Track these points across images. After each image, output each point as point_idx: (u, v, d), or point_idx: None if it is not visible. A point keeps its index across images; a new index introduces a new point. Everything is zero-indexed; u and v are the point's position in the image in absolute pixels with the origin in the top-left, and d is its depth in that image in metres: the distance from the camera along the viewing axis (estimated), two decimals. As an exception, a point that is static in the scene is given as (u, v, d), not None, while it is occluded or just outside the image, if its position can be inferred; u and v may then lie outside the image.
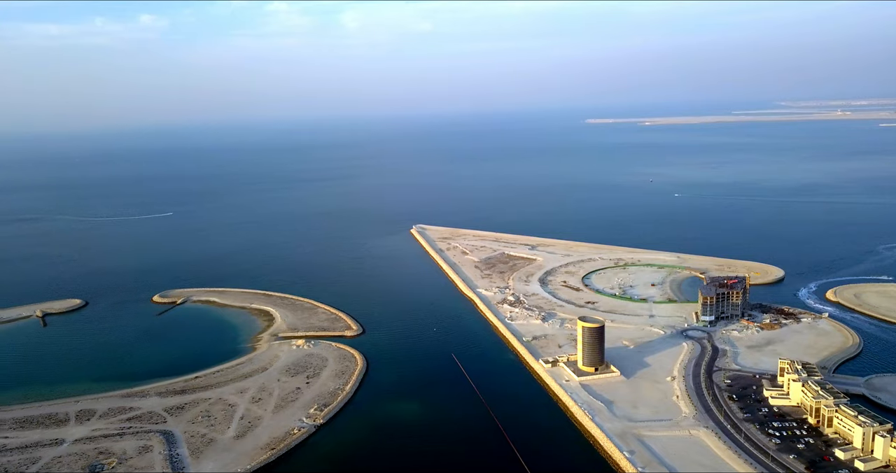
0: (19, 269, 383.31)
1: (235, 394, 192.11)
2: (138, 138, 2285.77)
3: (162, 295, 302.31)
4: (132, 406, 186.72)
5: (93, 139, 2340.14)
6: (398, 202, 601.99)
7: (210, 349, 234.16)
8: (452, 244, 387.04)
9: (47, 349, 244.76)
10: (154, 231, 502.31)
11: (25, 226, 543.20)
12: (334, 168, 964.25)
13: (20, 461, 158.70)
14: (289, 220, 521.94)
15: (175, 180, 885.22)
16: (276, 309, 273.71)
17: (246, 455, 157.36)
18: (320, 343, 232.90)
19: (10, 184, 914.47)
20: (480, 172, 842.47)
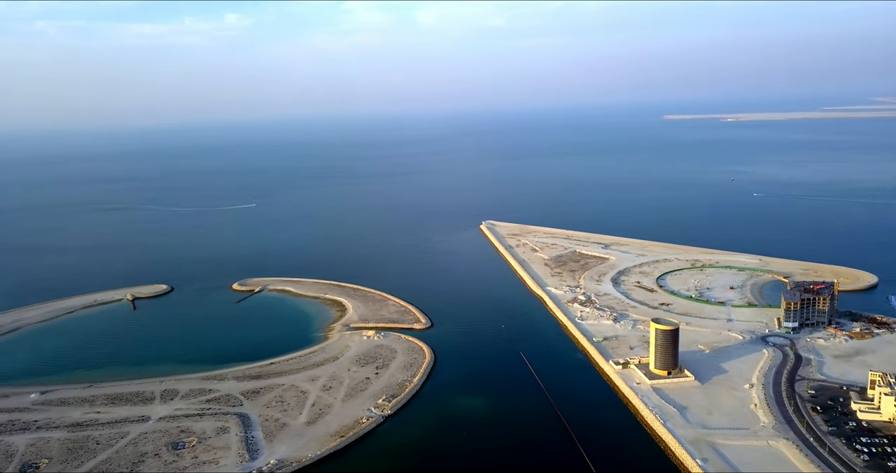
0: (112, 256, 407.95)
1: (307, 382, 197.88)
2: (227, 132, 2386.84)
3: (241, 283, 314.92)
4: (211, 389, 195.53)
5: (184, 133, 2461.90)
6: (468, 197, 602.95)
7: (285, 337, 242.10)
8: (522, 241, 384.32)
9: (136, 331, 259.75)
10: (237, 221, 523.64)
11: (118, 216, 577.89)
12: (407, 164, 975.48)
13: (111, 435, 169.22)
14: (362, 214, 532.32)
15: (259, 172, 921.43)
16: (349, 300, 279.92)
17: (316, 441, 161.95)
18: (390, 334, 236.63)
19: (104, 175, 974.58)
20: (552, 168, 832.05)
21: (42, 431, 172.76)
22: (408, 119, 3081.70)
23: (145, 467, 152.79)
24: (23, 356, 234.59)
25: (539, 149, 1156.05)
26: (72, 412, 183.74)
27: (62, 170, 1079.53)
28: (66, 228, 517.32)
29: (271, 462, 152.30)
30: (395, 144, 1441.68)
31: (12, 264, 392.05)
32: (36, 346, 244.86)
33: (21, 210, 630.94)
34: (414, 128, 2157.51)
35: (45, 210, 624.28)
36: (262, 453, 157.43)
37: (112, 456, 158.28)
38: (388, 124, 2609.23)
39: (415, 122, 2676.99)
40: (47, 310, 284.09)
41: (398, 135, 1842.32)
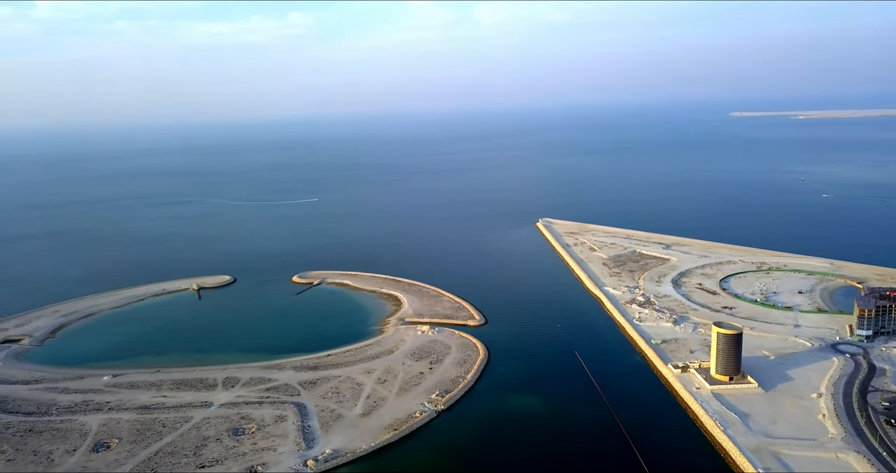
0: (179, 246, 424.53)
1: (363, 374, 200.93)
2: (290, 128, 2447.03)
3: (300, 275, 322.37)
4: (270, 378, 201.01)
5: (249, 128, 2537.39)
6: (525, 195, 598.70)
7: (341, 329, 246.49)
8: (580, 239, 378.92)
9: (201, 319, 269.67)
10: (299, 215, 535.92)
11: (184, 208, 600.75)
12: (466, 160, 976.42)
13: (176, 418, 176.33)
14: (419, 209, 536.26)
15: (322, 167, 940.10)
16: (404, 295, 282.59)
17: (370, 433, 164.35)
18: (444, 330, 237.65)
19: (175, 169, 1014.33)
20: (612, 166, 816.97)
21: (113, 412, 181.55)
22: (467, 115, 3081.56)
23: (207, 451, 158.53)
24: (98, 340, 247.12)
25: (598, 147, 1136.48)
26: (140, 395, 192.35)
27: (139, 164, 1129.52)
28: (139, 219, 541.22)
29: (326, 451, 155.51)
30: (454, 141, 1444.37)
31: (90, 253, 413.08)
32: (109, 331, 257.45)
33: (100, 201, 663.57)
34: (473, 125, 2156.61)
35: (120, 202, 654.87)
36: (317, 442, 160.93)
37: (177, 439, 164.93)
38: (446, 121, 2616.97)
39: (474, 119, 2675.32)
40: (120, 297, 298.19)
41: (457, 131, 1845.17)
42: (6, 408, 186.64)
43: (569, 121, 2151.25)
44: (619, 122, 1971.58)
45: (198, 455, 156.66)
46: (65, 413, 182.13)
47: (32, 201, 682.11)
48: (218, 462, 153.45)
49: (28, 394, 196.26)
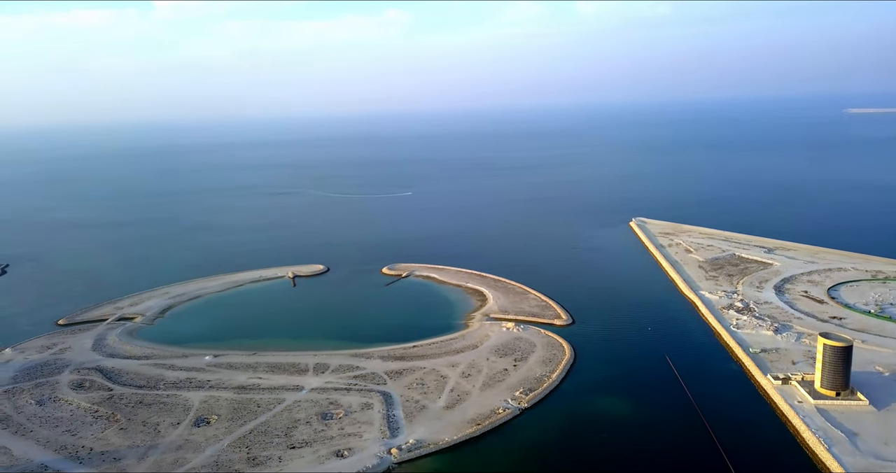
0: (278, 235, 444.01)
1: (447, 367, 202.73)
2: (386, 124, 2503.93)
3: (390, 267, 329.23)
4: (358, 366, 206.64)
5: (344, 124, 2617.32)
6: (618, 192, 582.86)
7: (427, 322, 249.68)
8: (675, 240, 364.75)
9: (295, 306, 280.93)
10: (392, 208, 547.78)
11: (284, 199, 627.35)
12: (555, 156, 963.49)
13: (269, 400, 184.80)
14: (508, 205, 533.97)
15: (417, 162, 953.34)
16: (490, 291, 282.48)
17: (453, 426, 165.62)
18: (529, 328, 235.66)
19: (275, 161, 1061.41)
20: (710, 164, 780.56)
21: (213, 390, 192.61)
22: (564, 111, 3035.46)
23: (297, 433, 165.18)
24: (201, 321, 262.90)
25: (699, 144, 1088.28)
26: (238, 376, 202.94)
27: (240, 155, 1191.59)
28: (241, 209, 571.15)
29: (410, 441, 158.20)
30: (548, 136, 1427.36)
31: (196, 240, 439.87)
32: (212, 314, 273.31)
33: (206, 190, 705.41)
34: (568, 120, 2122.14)
35: (224, 192, 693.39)
36: (402, 431, 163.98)
37: (270, 420, 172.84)
38: (540, 116, 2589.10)
39: (569, 114, 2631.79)
40: (222, 282, 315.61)
41: (552, 126, 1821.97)
42: (120, 381, 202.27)
43: (667, 117, 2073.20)
44: (718, 118, 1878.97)
45: (288, 436, 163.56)
46: (171, 389, 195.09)
47: (148, 189, 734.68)
48: (307, 443, 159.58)
49: (139, 369, 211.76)
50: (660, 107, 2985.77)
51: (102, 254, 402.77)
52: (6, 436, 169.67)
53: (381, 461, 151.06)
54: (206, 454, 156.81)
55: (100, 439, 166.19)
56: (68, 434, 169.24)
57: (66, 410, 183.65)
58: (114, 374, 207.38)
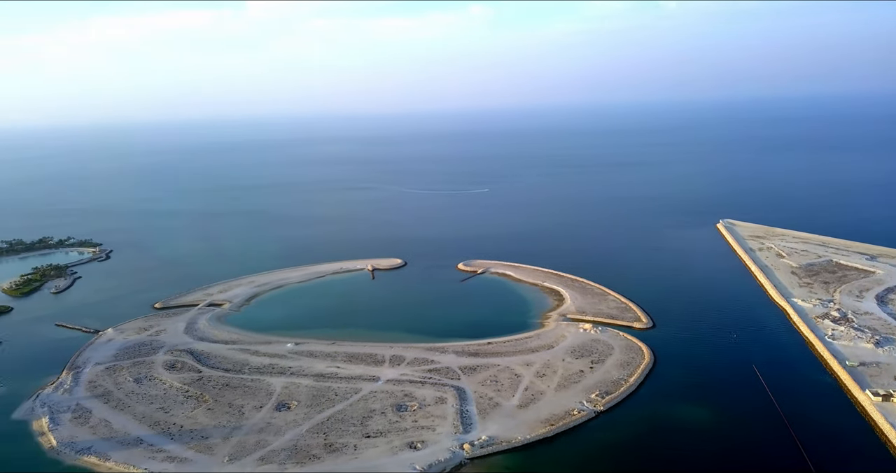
0: (357, 229, 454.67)
1: (522, 366, 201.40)
2: (468, 119, 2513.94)
3: (466, 263, 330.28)
4: (433, 360, 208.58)
5: (430, 119, 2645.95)
6: (705, 193, 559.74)
7: (502, 319, 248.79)
8: (766, 244, 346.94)
9: (373, 298, 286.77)
10: (469, 204, 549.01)
11: (364, 194, 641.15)
12: (640, 153, 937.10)
13: (346, 389, 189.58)
14: (588, 203, 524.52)
15: (495, 158, 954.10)
16: (567, 291, 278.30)
17: (526, 425, 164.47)
18: (608, 330, 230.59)
19: (357, 156, 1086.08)
20: (808, 164, 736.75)
21: (294, 377, 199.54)
22: (649, 107, 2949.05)
23: (372, 423, 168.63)
24: (284, 310, 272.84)
25: (791, 143, 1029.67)
26: (317, 364, 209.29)
27: (325, 151, 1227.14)
28: (322, 202, 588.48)
29: (482, 437, 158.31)
30: (637, 133, 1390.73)
31: (281, 231, 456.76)
32: (294, 303, 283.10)
33: (290, 184, 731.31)
34: (653, 117, 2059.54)
35: (308, 185, 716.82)
36: (474, 427, 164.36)
37: (346, 408, 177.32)
38: (623, 112, 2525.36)
39: (655, 111, 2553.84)
40: (304, 273, 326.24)
41: (641, 123, 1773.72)
42: (209, 364, 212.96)
43: (760, 115, 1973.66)
44: (816, 116, 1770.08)
45: (364, 425, 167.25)
46: (255, 373, 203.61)
47: (239, 182, 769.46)
48: (381, 434, 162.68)
49: (226, 353, 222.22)
50: (754, 104, 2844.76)
51: (195, 243, 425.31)
52: (107, 410, 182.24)
53: (453, 455, 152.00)
54: (286, 437, 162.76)
55: (189, 417, 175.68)
56: (161, 412, 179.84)
57: (159, 388, 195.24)
58: (203, 357, 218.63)
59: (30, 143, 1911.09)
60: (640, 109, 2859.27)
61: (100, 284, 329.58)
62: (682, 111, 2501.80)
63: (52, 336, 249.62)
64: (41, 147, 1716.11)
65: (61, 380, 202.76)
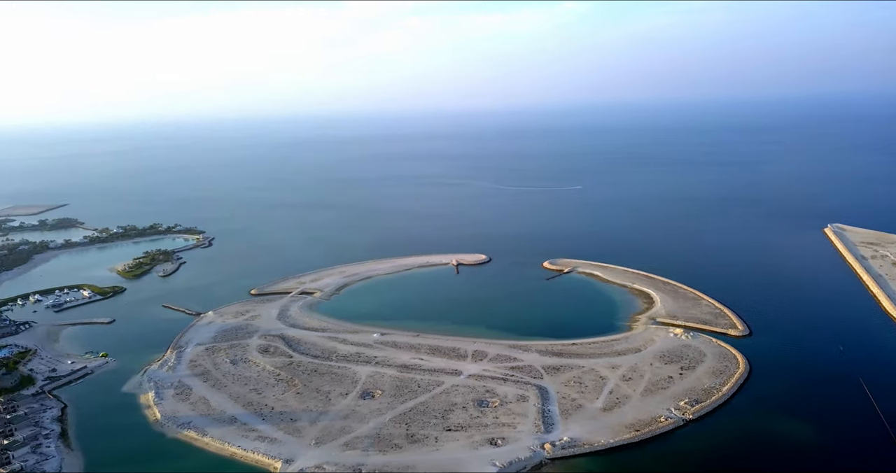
0: (444, 224, 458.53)
1: (607, 368, 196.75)
2: (559, 116, 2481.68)
3: (552, 261, 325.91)
4: (515, 357, 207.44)
5: (518, 115, 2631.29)
6: (812, 195, 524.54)
7: (588, 320, 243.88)
8: (880, 252, 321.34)
9: (458, 293, 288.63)
10: (559, 202, 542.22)
11: (452, 189, 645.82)
12: (746, 152, 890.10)
13: (429, 381, 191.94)
14: (683, 204, 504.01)
15: (589, 155, 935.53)
16: (657, 293, 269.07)
17: (610, 429, 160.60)
18: (700, 336, 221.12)
19: (448, 152, 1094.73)
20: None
21: (379, 367, 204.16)
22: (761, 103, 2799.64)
23: (454, 416, 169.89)
24: (371, 300, 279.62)
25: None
26: (402, 355, 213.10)
27: (418, 146, 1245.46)
28: (410, 197, 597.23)
29: (564, 438, 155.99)
30: (745, 131, 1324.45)
31: (370, 224, 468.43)
32: (381, 294, 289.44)
33: (382, 179, 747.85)
34: (756, 114, 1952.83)
35: (398, 180, 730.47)
36: (556, 428, 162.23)
37: (428, 400, 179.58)
38: (740, 110, 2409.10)
39: (757, 107, 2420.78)
40: (391, 265, 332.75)
41: (751, 121, 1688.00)
42: (300, 350, 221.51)
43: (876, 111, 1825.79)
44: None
45: (445, 418, 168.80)
46: (342, 361, 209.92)
47: (334, 175, 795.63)
48: (462, 428, 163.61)
49: (316, 340, 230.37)
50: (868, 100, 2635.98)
51: (290, 233, 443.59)
52: (206, 388, 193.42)
53: (533, 454, 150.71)
54: (370, 425, 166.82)
55: (280, 400, 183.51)
56: (255, 393, 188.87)
57: (253, 371, 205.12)
58: (294, 342, 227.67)
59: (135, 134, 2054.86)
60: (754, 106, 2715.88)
61: (202, 269, 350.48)
62: (790, 107, 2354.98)
63: (159, 316, 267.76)
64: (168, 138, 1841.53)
65: (166, 358, 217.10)
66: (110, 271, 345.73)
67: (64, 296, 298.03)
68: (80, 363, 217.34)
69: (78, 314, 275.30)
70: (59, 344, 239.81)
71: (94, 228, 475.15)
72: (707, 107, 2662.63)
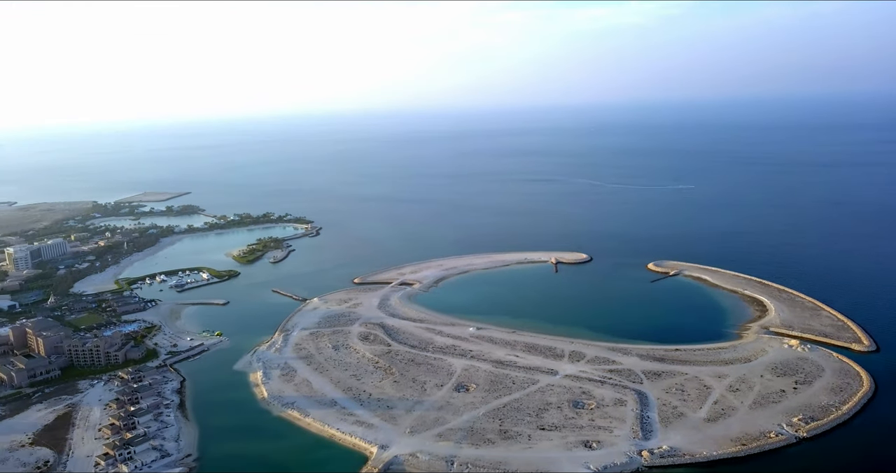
0: (542, 221, 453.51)
1: (712, 377, 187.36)
2: (673, 111, 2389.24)
3: (657, 263, 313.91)
4: (614, 360, 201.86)
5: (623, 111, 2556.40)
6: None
7: (694, 326, 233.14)
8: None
9: (556, 292, 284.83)
10: (668, 201, 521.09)
11: (550, 186, 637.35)
12: (868, 152, 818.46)
13: (524, 379, 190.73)
14: (803, 207, 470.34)
15: (703, 154, 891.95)
16: (772, 301, 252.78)
17: (713, 441, 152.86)
18: (818, 349, 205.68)
19: (548, 148, 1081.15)
20: None
21: (474, 360, 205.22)
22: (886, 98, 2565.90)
23: (548, 416, 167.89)
24: (468, 294, 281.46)
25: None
26: (497, 350, 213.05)
27: (518, 142, 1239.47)
28: (510, 193, 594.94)
29: (663, 447, 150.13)
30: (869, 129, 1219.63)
31: (468, 218, 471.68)
32: (478, 289, 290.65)
33: (481, 174, 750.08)
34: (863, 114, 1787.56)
35: (497, 176, 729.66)
36: (655, 435, 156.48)
37: (522, 398, 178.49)
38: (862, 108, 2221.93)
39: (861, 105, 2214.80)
40: (489, 261, 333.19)
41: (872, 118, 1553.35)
42: (398, 339, 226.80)
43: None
44: None
45: (539, 417, 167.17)
46: (438, 353, 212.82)
47: (432, 171, 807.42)
48: (556, 428, 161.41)
49: (414, 330, 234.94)
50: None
51: (391, 225, 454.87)
52: (309, 371, 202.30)
53: (629, 460, 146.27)
54: (463, 418, 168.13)
55: (377, 387, 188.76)
56: (354, 379, 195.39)
57: (353, 357, 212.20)
58: (393, 332, 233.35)
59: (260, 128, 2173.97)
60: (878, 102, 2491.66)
61: (310, 257, 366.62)
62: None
63: (269, 300, 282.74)
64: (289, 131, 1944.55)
65: (274, 340, 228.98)
66: (226, 256, 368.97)
67: (186, 278, 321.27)
68: (198, 340, 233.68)
69: (197, 294, 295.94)
70: (180, 321, 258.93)
71: (213, 215, 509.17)
72: (832, 104, 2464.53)
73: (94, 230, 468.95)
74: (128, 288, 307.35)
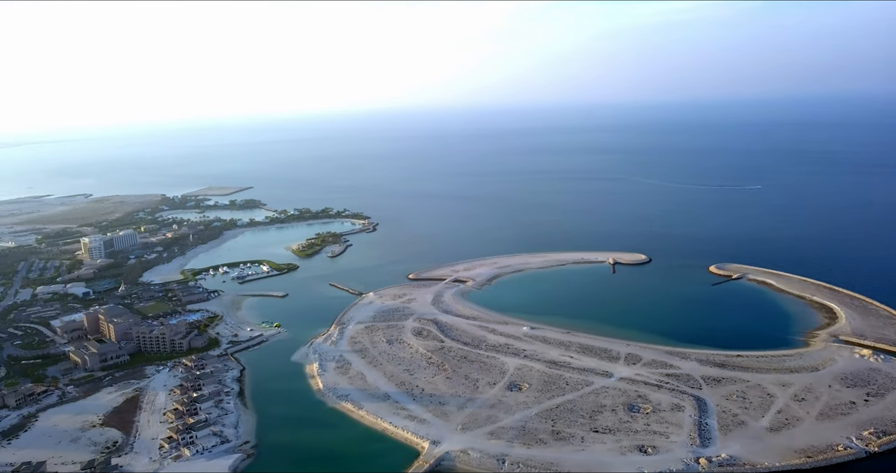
0: (600, 220, 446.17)
1: (776, 385, 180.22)
2: (744, 108, 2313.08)
3: (719, 266, 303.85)
4: (672, 364, 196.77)
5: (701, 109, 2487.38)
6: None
7: (756, 331, 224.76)
8: None
9: (613, 292, 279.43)
10: (733, 202, 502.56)
11: (611, 185, 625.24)
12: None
13: (578, 380, 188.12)
14: (880, 210, 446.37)
15: (774, 153, 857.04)
16: (842, 308, 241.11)
17: (776, 452, 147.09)
18: (893, 359, 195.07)
19: (606, 146, 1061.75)
20: None
21: (527, 360, 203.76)
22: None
23: (602, 418, 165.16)
24: (522, 293, 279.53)
25: None
26: (551, 350, 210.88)
27: (574, 140, 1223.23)
28: (566, 192, 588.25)
29: (723, 455, 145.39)
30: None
31: (524, 216, 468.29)
32: (533, 287, 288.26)
33: (537, 172, 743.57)
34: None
35: (554, 174, 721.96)
36: (713, 443, 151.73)
37: (576, 399, 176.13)
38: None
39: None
40: (544, 260, 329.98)
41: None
42: (451, 335, 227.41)
43: None
44: None
45: (592, 419, 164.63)
46: (491, 351, 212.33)
47: (490, 168, 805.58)
48: (610, 431, 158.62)
49: (467, 327, 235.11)
50: None
51: (446, 222, 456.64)
52: (363, 364, 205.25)
53: (686, 467, 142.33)
54: (515, 417, 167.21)
55: (430, 383, 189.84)
56: (407, 373, 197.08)
57: (407, 352, 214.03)
58: (446, 328, 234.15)
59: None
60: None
61: (366, 252, 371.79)
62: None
63: (326, 293, 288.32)
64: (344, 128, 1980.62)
65: (330, 333, 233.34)
66: (286, 249, 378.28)
67: (247, 270, 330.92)
68: (257, 331, 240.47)
69: (257, 286, 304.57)
70: (240, 312, 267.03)
71: (274, 209, 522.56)
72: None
73: (163, 222, 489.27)
74: (192, 278, 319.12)
